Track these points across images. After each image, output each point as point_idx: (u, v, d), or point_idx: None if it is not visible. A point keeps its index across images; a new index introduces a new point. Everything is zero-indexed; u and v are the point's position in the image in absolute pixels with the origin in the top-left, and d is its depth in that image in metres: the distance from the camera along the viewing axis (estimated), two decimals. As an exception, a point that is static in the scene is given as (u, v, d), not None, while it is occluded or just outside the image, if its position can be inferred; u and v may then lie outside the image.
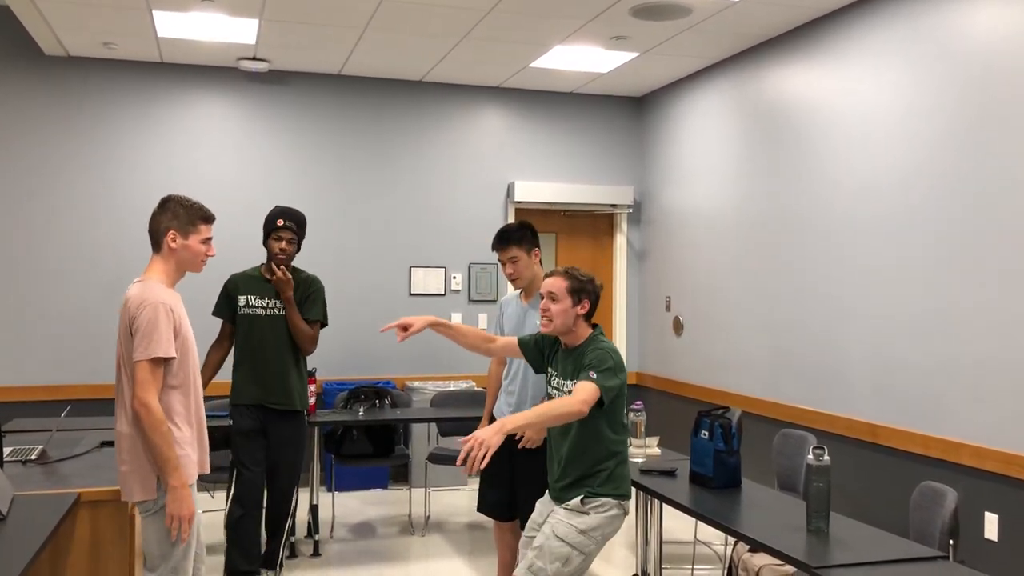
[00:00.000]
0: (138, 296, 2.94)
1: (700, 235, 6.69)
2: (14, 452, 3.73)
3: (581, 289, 3.28)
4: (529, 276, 4.16)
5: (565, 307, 3.27)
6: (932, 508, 3.26)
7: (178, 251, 3.07)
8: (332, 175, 6.92)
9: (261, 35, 5.84)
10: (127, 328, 2.95)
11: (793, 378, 5.55)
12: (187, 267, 3.13)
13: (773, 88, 5.80)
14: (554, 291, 3.29)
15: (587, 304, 3.30)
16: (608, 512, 3.22)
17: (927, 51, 4.54)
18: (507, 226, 4.23)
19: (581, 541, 3.18)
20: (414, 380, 6.93)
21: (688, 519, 5.36)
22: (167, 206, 3.08)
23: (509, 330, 4.30)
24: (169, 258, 3.08)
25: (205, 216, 3.13)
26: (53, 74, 6.32)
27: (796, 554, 2.84)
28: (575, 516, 3.21)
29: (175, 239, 3.05)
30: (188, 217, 3.08)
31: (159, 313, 2.91)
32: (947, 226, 4.40)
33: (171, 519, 2.91)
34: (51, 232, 6.31)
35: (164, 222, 3.06)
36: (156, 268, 3.07)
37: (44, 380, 6.25)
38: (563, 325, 3.30)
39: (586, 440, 3.22)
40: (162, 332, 2.90)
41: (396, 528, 5.78)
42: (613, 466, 3.25)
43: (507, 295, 4.47)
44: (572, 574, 3.18)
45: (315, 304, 4.50)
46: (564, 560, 3.15)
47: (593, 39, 5.85)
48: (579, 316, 3.30)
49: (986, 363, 4.17)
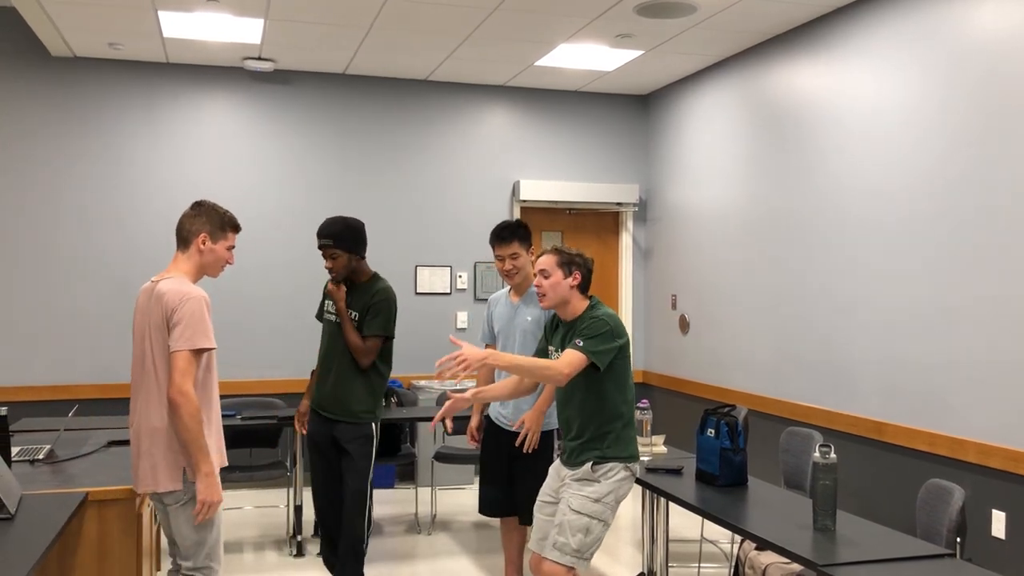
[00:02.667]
0: (177, 291, 3.03)
1: (706, 233, 6.68)
2: (22, 452, 3.75)
3: (570, 262, 3.47)
4: (524, 274, 4.18)
5: (557, 280, 3.45)
6: (939, 506, 3.25)
7: (205, 254, 3.19)
8: (337, 174, 6.93)
9: (266, 35, 5.85)
10: (163, 321, 3.01)
11: (799, 376, 5.54)
12: (209, 270, 3.24)
13: (779, 86, 5.78)
14: (545, 267, 3.47)
15: (578, 275, 3.47)
16: (616, 476, 3.37)
17: (934, 48, 4.52)
18: (506, 222, 4.24)
19: (597, 509, 3.33)
20: (420, 379, 6.93)
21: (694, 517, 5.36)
22: (202, 209, 3.21)
23: (498, 329, 4.30)
24: (195, 259, 3.19)
25: (235, 225, 3.28)
26: (59, 75, 6.34)
27: (803, 552, 2.84)
28: (587, 486, 3.35)
29: (205, 242, 3.18)
30: (220, 223, 3.21)
31: (202, 306, 3.03)
32: (954, 223, 4.39)
33: (201, 504, 2.99)
34: (58, 232, 6.33)
35: (198, 224, 3.18)
36: (181, 267, 3.18)
37: (51, 380, 6.28)
38: (558, 297, 3.47)
39: (591, 402, 3.38)
40: (206, 324, 3.02)
41: (402, 527, 5.79)
42: (620, 428, 3.40)
43: (495, 293, 4.46)
44: (595, 541, 3.35)
45: (375, 317, 4.20)
46: (585, 531, 3.31)
47: (598, 37, 5.85)
48: (572, 288, 3.47)
49: (993, 360, 4.16)
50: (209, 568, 3.13)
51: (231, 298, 6.62)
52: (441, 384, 6.74)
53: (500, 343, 4.28)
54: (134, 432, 3.10)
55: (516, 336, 4.18)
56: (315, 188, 6.86)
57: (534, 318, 4.13)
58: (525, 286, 4.23)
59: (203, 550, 3.10)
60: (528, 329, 4.13)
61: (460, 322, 7.18)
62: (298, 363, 6.63)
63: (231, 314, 6.61)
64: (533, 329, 4.11)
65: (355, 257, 4.24)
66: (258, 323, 6.72)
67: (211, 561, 3.13)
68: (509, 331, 4.23)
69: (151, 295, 3.09)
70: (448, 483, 6.64)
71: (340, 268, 4.21)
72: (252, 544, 5.40)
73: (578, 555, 3.30)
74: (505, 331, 4.25)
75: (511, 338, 4.21)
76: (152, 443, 3.04)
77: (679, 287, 7.09)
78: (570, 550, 3.29)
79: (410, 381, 6.90)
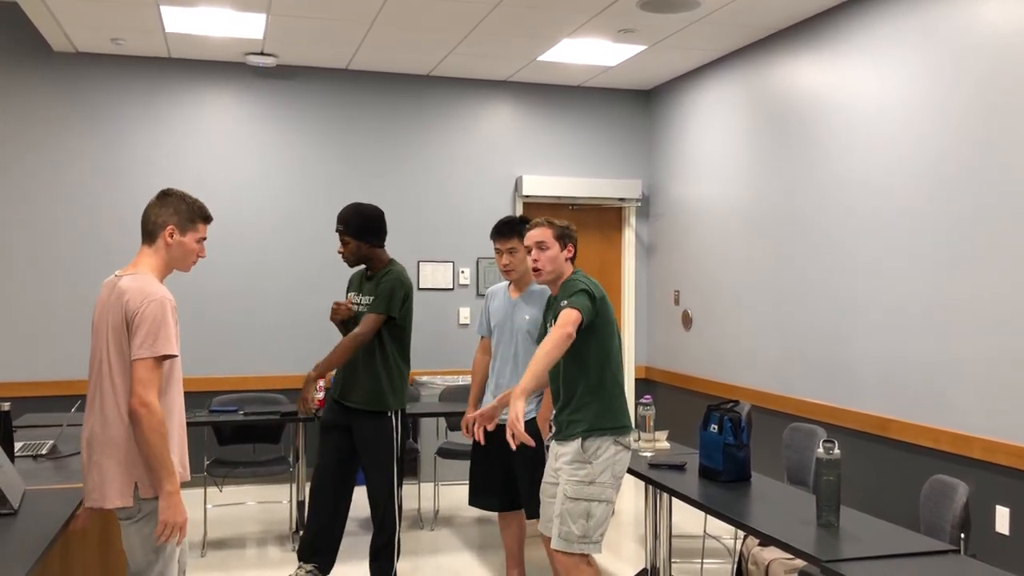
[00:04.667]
0: (139, 290, 2.78)
1: (709, 229, 6.67)
2: (25, 447, 3.75)
3: (566, 235, 3.52)
4: (523, 270, 4.18)
5: (555, 253, 3.48)
6: (943, 502, 3.24)
7: (173, 247, 2.93)
8: (339, 170, 6.92)
9: (268, 30, 5.84)
10: (121, 322, 2.75)
11: (803, 372, 5.53)
12: (178, 265, 2.99)
13: (782, 81, 5.77)
14: (542, 240, 3.48)
15: (571, 248, 3.53)
16: (607, 453, 3.33)
17: (938, 44, 4.51)
18: (509, 217, 4.27)
19: (593, 491, 3.29)
20: (423, 375, 6.93)
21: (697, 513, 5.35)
22: (168, 200, 2.94)
23: (496, 323, 4.30)
24: (161, 253, 2.93)
25: (205, 215, 3.01)
26: (61, 70, 6.34)
27: (806, 548, 2.83)
28: (579, 469, 3.31)
29: (173, 235, 2.92)
30: (189, 214, 2.95)
31: (166, 310, 2.76)
32: (957, 219, 4.37)
33: (163, 526, 2.72)
34: (60, 227, 6.33)
35: (164, 216, 2.91)
36: (147, 262, 2.92)
37: (54, 376, 6.28)
38: (554, 270, 3.49)
39: (574, 367, 3.36)
40: (169, 329, 2.76)
41: (406, 522, 5.78)
42: (606, 396, 3.36)
43: (493, 286, 4.45)
44: (600, 522, 3.31)
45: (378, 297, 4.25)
46: (586, 515, 3.28)
47: (601, 32, 5.83)
48: (567, 260, 3.51)
49: (996, 356, 4.15)
50: None
51: (232, 294, 6.62)
52: (444, 380, 6.74)
53: (496, 337, 4.27)
54: (85, 440, 2.83)
55: (514, 335, 4.17)
56: (317, 183, 6.85)
57: (532, 318, 4.11)
58: (524, 283, 4.23)
59: (152, 570, 2.82)
60: (526, 328, 4.12)
61: (463, 318, 7.17)
62: (301, 359, 6.62)
63: (232, 310, 6.61)
64: (531, 329, 4.10)
65: (364, 244, 4.29)
66: (260, 319, 6.72)
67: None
68: (505, 327, 4.22)
69: (112, 290, 2.84)
70: (451, 479, 6.63)
71: (349, 254, 4.30)
72: (255, 540, 5.40)
73: (585, 540, 3.28)
74: (501, 326, 4.24)
75: (509, 336, 4.19)
76: (102, 454, 2.76)
77: (682, 283, 7.08)
78: (575, 537, 3.27)
79: (412, 377, 6.90)
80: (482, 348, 4.41)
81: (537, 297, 4.13)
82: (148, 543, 2.79)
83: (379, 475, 4.28)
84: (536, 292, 4.16)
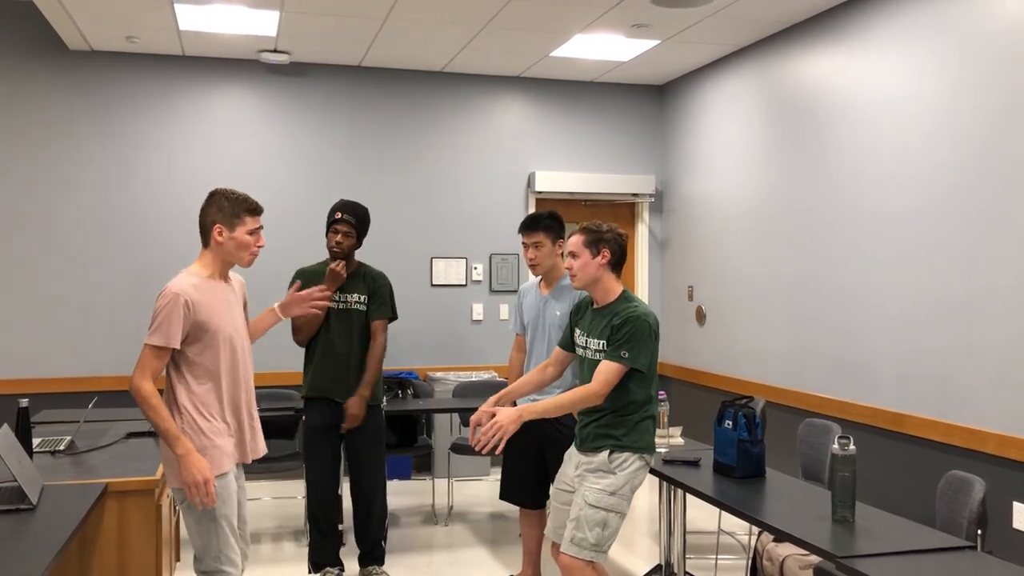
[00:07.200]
0: (167, 286, 2.97)
1: (722, 224, 6.64)
2: (43, 443, 3.78)
3: (599, 239, 3.38)
4: (548, 265, 4.18)
5: (585, 260, 3.38)
6: (959, 498, 3.23)
7: (224, 244, 3.06)
8: (352, 166, 6.93)
9: (282, 27, 5.85)
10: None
11: (817, 367, 5.51)
12: (234, 259, 3.12)
13: (796, 75, 5.74)
14: (573, 249, 3.41)
15: (607, 253, 3.38)
16: (631, 467, 3.34)
17: (953, 37, 4.47)
18: (538, 212, 4.32)
19: (613, 502, 3.30)
20: (436, 371, 6.94)
21: (712, 509, 5.35)
22: (212, 199, 3.08)
23: (528, 320, 4.31)
24: (215, 251, 3.08)
25: (250, 207, 3.10)
26: (76, 68, 6.37)
27: (821, 544, 2.83)
28: (602, 478, 3.32)
29: (221, 232, 3.05)
30: (233, 209, 3.06)
31: (171, 302, 2.92)
32: (972, 213, 4.34)
33: (187, 488, 2.90)
34: (77, 224, 6.37)
35: (210, 215, 3.06)
36: (201, 260, 3.10)
37: (71, 372, 6.32)
38: (588, 277, 3.39)
39: (614, 393, 3.30)
40: (169, 322, 2.91)
41: (419, 518, 5.80)
42: (638, 419, 3.35)
43: (526, 283, 4.47)
44: (612, 534, 3.33)
45: (385, 302, 4.41)
46: (603, 525, 3.28)
47: (614, 27, 5.82)
48: (602, 266, 3.39)
49: (1011, 351, 4.12)
50: (219, 571, 3.02)
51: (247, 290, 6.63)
52: (457, 376, 6.75)
53: (530, 335, 4.28)
54: None
55: (547, 332, 4.18)
56: (331, 180, 6.86)
57: (563, 313, 4.11)
58: (554, 278, 4.23)
59: (210, 552, 3.00)
60: (557, 324, 4.13)
61: (476, 314, 7.18)
62: (315, 355, 6.64)
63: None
64: (563, 324, 4.10)
65: (358, 242, 4.42)
66: (275, 315, 6.73)
67: (219, 564, 3.01)
68: (538, 325, 4.23)
69: None
70: (465, 474, 6.65)
71: (348, 247, 4.35)
72: (270, 535, 5.43)
73: (597, 549, 3.30)
74: (534, 323, 4.26)
75: (541, 333, 4.21)
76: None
77: (696, 278, 7.06)
78: (588, 544, 3.28)
79: (426, 373, 6.91)
80: (517, 346, 4.42)
81: (567, 292, 4.13)
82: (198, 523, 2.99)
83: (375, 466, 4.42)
84: (566, 287, 4.16)
